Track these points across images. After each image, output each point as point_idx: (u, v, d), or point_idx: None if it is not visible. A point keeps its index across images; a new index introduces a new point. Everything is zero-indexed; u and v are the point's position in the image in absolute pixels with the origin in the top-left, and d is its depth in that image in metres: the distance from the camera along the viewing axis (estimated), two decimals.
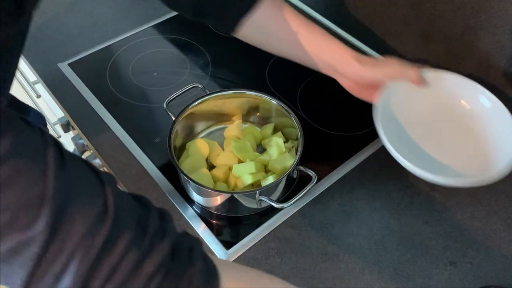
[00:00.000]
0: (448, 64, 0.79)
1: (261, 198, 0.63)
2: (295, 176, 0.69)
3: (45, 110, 1.30)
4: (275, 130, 0.75)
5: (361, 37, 0.93)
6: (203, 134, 0.77)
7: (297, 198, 0.63)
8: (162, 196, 0.70)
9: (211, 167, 0.71)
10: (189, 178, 0.62)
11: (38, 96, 1.11)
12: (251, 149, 0.72)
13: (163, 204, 0.69)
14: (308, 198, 0.70)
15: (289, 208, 0.68)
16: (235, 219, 0.68)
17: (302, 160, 0.66)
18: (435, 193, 0.71)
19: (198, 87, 0.75)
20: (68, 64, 0.89)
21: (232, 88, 0.74)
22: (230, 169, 0.68)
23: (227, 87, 0.83)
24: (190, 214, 0.68)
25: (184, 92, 0.74)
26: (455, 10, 0.73)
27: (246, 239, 0.65)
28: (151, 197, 0.69)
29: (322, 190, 0.71)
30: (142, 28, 0.97)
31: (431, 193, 0.71)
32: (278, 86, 0.85)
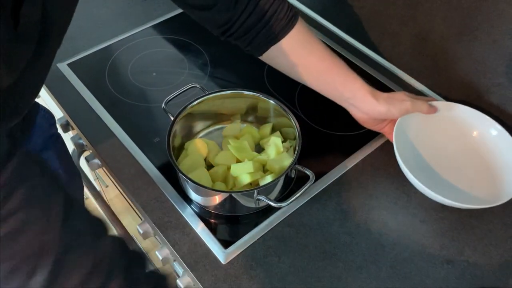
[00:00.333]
0: (445, 64, 0.80)
1: (259, 197, 0.63)
2: (293, 175, 0.69)
3: None
4: (273, 130, 0.76)
5: (358, 37, 0.93)
6: (201, 134, 0.78)
7: (295, 197, 0.63)
8: (161, 195, 0.70)
9: (209, 166, 0.71)
10: (188, 177, 0.63)
11: (38, 96, 1.11)
12: (249, 148, 0.72)
13: (162, 203, 0.69)
14: (306, 198, 0.70)
15: (287, 207, 0.68)
16: (234, 218, 0.68)
17: (300, 160, 0.66)
18: None
19: (196, 87, 0.76)
20: (67, 64, 0.89)
21: (230, 88, 0.74)
22: (229, 168, 0.69)
23: (226, 87, 0.84)
24: (188, 213, 0.68)
25: (182, 92, 0.74)
26: (452, 11, 0.74)
27: (244, 238, 0.66)
28: (149, 196, 0.70)
29: (319, 190, 0.71)
30: (141, 29, 0.97)
31: None
32: (276, 86, 0.85)
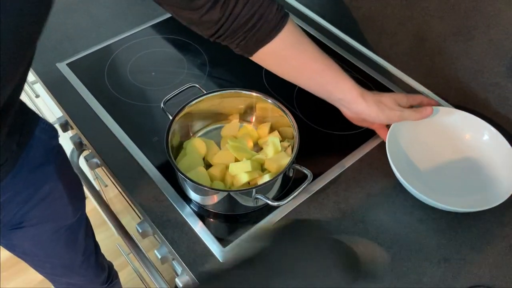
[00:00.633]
0: (442, 64, 0.80)
1: (257, 196, 0.64)
2: (291, 174, 0.70)
3: (44, 109, 1.30)
4: (272, 129, 0.76)
5: (356, 37, 0.94)
6: (200, 133, 0.78)
7: (293, 196, 0.63)
8: (159, 194, 0.70)
9: (208, 166, 0.72)
10: (186, 176, 0.63)
11: (37, 96, 1.12)
12: (248, 148, 0.72)
13: (161, 202, 0.70)
14: (304, 196, 0.70)
15: (285, 206, 0.68)
16: (232, 217, 0.69)
17: (298, 159, 0.66)
18: None
19: (195, 86, 0.76)
20: (66, 64, 0.89)
21: (229, 87, 0.74)
22: (227, 167, 0.69)
23: (224, 86, 0.84)
24: (187, 212, 0.68)
25: (181, 92, 0.75)
26: (449, 10, 0.74)
27: (242, 237, 0.66)
28: (148, 195, 0.70)
29: (317, 189, 0.71)
30: (140, 28, 0.98)
31: None
32: (274, 86, 0.86)
